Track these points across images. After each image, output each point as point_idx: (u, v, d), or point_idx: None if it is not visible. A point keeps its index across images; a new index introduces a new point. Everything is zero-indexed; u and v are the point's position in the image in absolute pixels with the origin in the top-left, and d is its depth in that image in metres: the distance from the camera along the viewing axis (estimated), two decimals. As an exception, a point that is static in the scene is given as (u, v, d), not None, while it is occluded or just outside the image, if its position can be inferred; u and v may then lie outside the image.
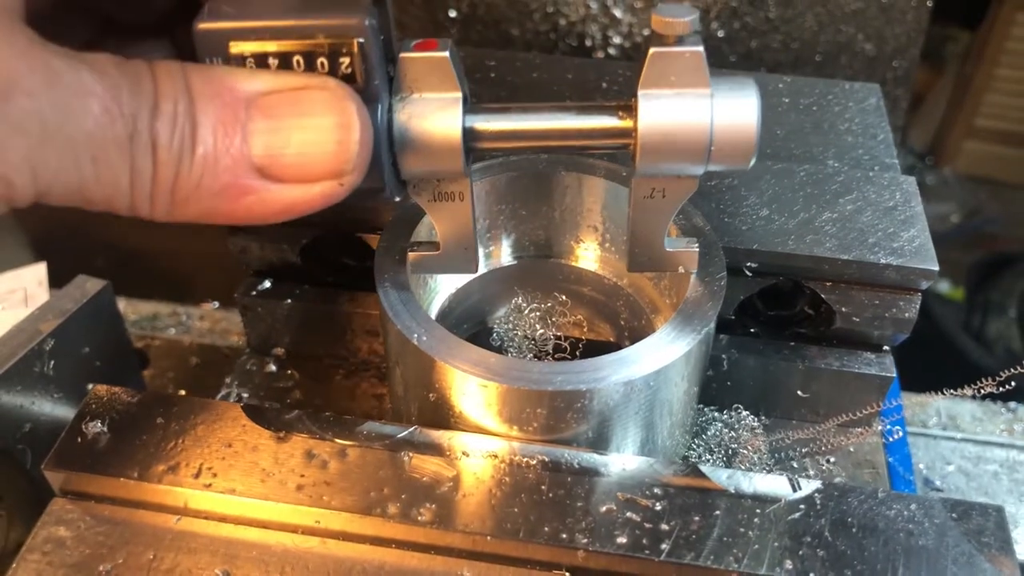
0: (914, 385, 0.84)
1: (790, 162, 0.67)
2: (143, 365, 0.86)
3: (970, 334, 1.74)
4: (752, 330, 0.64)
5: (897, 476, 0.73)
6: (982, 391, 0.71)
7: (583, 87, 0.74)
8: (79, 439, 0.50)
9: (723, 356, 0.62)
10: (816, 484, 0.47)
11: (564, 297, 0.61)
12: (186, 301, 1.03)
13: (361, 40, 0.42)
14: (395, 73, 0.45)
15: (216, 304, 1.09)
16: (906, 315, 0.60)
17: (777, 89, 0.74)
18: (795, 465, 0.62)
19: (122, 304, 0.98)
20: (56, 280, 1.00)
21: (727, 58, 1.17)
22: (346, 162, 0.41)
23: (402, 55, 0.45)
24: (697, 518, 0.46)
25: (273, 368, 0.68)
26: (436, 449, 0.49)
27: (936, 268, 0.58)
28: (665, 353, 0.48)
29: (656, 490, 0.47)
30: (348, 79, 0.43)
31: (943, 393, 0.95)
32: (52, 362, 0.64)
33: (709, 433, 0.60)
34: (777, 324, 0.64)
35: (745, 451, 0.58)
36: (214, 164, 0.39)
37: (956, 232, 2.10)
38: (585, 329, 0.64)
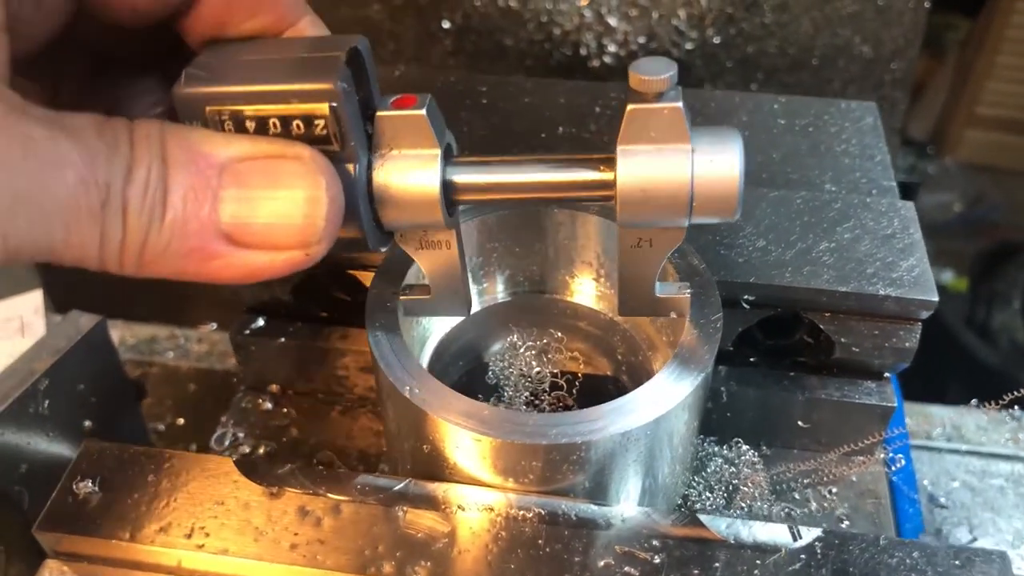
0: (916, 383, 0.83)
1: (787, 187, 0.66)
2: (140, 397, 0.86)
3: (974, 326, 1.73)
4: (751, 359, 0.63)
5: (901, 495, 0.73)
6: (989, 402, 0.70)
7: (576, 111, 0.73)
8: (70, 499, 0.49)
9: (722, 388, 0.61)
10: (816, 532, 0.47)
11: (560, 333, 0.60)
12: (186, 322, 1.02)
13: (334, 104, 0.42)
14: (373, 130, 0.45)
15: (214, 325, 1.08)
16: (906, 345, 0.59)
17: (772, 110, 0.73)
18: (796, 497, 0.61)
19: (120, 328, 0.97)
20: (56, 296, 0.99)
21: (724, 64, 1.16)
22: (312, 235, 0.41)
23: (379, 114, 0.45)
24: (696, 571, 0.45)
25: (269, 406, 0.67)
26: (431, 502, 0.48)
27: (936, 299, 0.57)
28: (662, 401, 0.47)
29: (655, 542, 0.46)
30: (323, 141, 0.43)
31: (945, 403, 0.94)
32: (47, 401, 0.63)
33: (709, 470, 0.59)
34: (776, 353, 0.64)
35: (746, 488, 0.57)
36: (182, 229, 0.39)
37: (958, 221, 2.08)
38: (582, 364, 0.63)
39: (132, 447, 0.51)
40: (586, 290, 0.62)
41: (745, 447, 0.60)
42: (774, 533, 0.47)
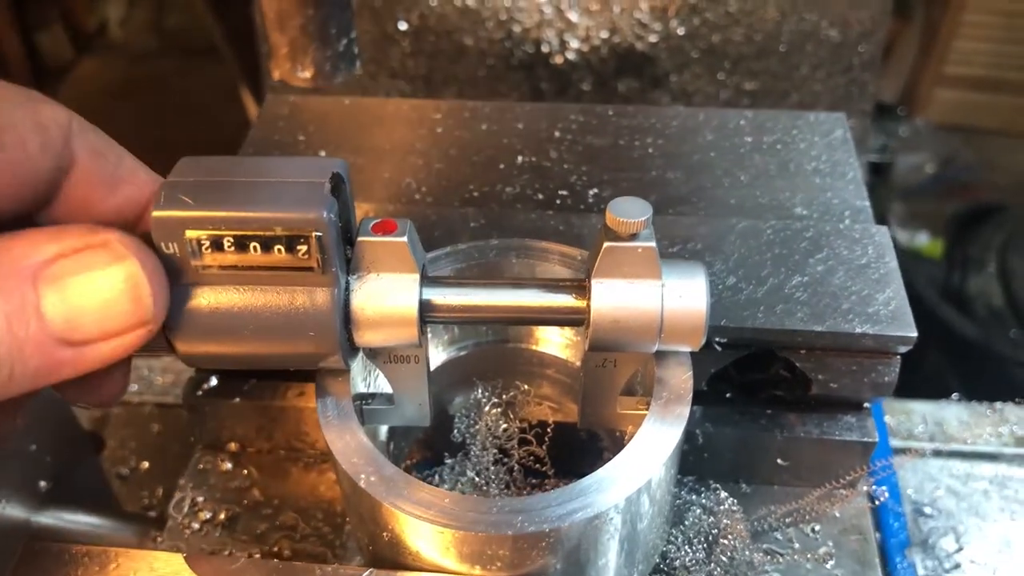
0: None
1: (756, 213, 0.63)
2: (99, 449, 0.83)
3: (949, 293, 1.71)
4: (727, 395, 0.61)
5: (886, 510, 0.71)
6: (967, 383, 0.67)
7: (535, 137, 0.70)
8: (11, 612, 0.46)
9: (697, 431, 0.59)
10: (801, 605, 0.45)
11: (526, 386, 0.57)
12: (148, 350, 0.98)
13: (319, 234, 0.41)
14: (352, 254, 0.45)
15: (178, 353, 1.04)
16: (885, 379, 0.57)
17: (739, 127, 0.70)
18: (779, 537, 0.59)
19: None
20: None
21: (689, 55, 1.13)
22: (145, 312, 0.41)
23: (360, 239, 0.45)
24: (676, 657, 0.43)
25: (228, 466, 0.64)
26: (395, 594, 0.46)
27: (915, 335, 0.55)
28: (635, 476, 0.45)
29: (631, 627, 0.44)
30: (305, 266, 0.42)
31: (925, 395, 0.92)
32: (-3, 467, 0.60)
33: (687, 522, 0.57)
34: (751, 389, 0.61)
35: (726, 540, 0.55)
36: (19, 354, 0.38)
37: (932, 183, 2.07)
38: (550, 412, 0.60)
39: (75, 547, 0.48)
40: (552, 339, 0.59)
41: (724, 494, 0.57)
42: (756, 608, 0.45)
